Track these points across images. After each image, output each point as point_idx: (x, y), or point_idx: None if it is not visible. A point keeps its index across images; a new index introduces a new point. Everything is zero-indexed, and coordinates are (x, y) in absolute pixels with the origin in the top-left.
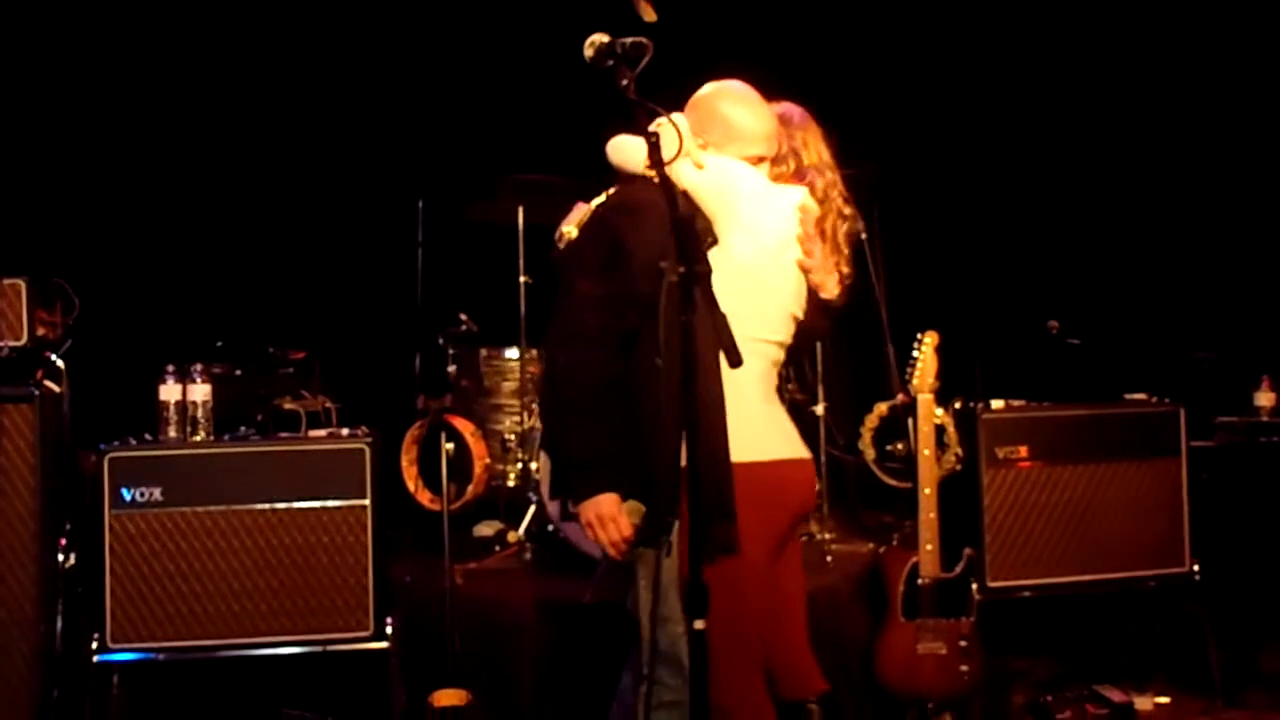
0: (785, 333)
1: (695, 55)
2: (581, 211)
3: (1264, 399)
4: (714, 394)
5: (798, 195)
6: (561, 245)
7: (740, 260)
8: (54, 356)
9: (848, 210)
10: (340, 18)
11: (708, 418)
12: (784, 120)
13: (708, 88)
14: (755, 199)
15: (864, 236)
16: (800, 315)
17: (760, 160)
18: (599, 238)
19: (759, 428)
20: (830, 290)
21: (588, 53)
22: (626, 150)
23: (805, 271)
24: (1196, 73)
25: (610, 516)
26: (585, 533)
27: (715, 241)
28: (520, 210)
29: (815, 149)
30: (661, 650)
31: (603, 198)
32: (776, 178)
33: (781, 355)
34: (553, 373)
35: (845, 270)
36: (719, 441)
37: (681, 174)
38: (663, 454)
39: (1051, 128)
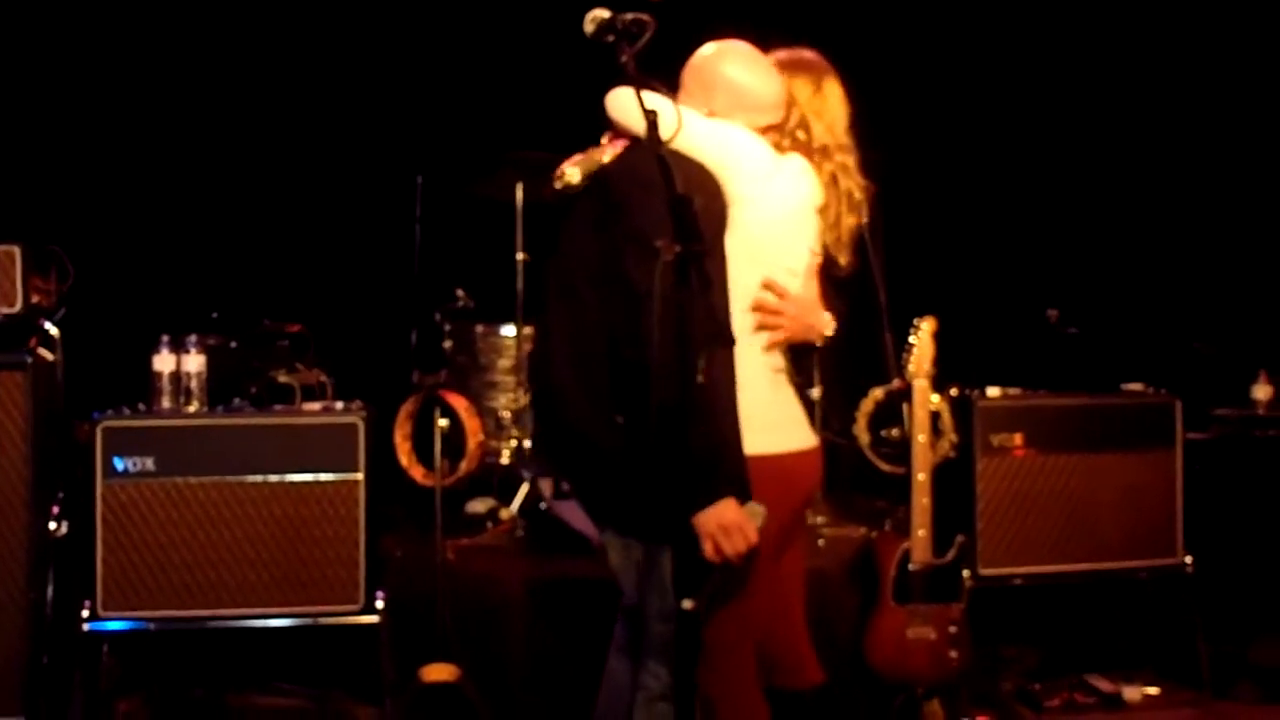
0: None
1: (700, 32)
2: (587, 159)
3: (1261, 392)
4: (722, 377)
5: (800, 165)
6: (559, 185)
7: (746, 236)
8: (48, 324)
9: (858, 196)
10: None
11: (717, 401)
12: (796, 68)
13: (708, 49)
14: (760, 173)
15: (863, 221)
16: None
17: (769, 129)
18: (604, 200)
19: (766, 417)
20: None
21: (588, 28)
22: (628, 109)
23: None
24: (1197, 63)
25: (736, 525)
26: (705, 545)
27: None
28: (519, 188)
29: (828, 121)
30: (655, 640)
31: (609, 156)
32: (779, 148)
33: None
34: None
35: (844, 260)
36: (730, 424)
37: (686, 143)
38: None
39: (1052, 116)
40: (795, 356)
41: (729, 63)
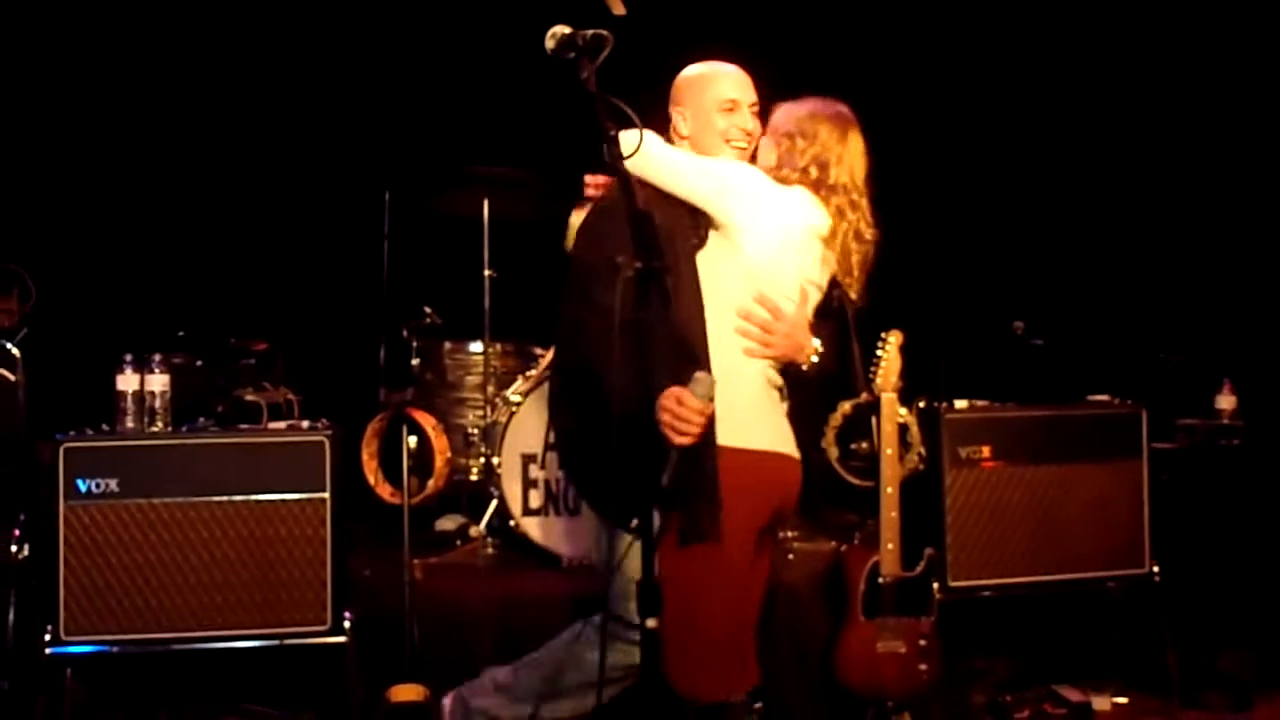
0: None
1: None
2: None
3: (1225, 402)
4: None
5: (805, 196)
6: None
7: (744, 259)
8: (9, 345)
9: (868, 235)
10: (309, 8)
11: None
12: (827, 116)
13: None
14: (754, 198)
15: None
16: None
17: (735, 105)
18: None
19: (752, 417)
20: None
21: (549, 44)
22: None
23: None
24: (1161, 76)
25: (676, 395)
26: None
27: (701, 243)
28: (485, 204)
29: (848, 166)
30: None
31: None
32: (785, 180)
33: None
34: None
35: (854, 292)
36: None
37: (675, 179)
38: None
39: (1017, 128)
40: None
41: (683, 72)
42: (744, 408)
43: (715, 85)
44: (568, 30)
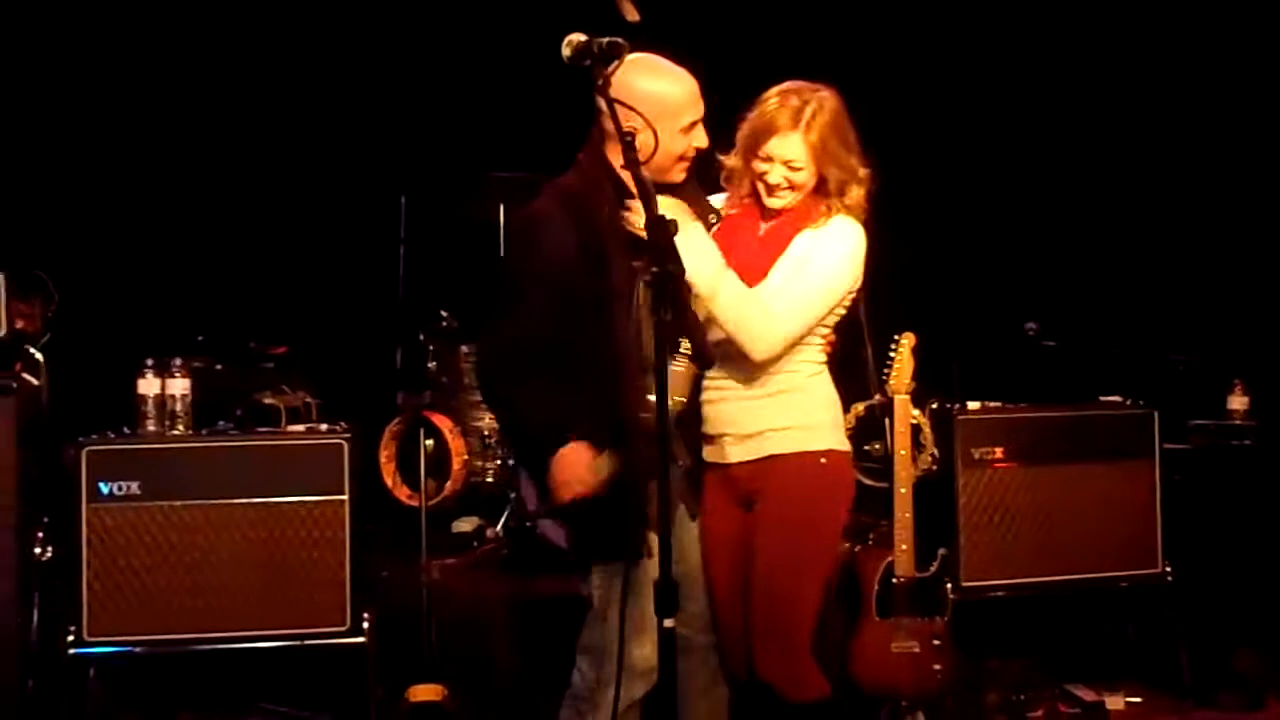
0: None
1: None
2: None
3: (1236, 402)
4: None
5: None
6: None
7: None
8: (33, 349)
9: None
10: (325, 12)
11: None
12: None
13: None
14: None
15: None
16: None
17: (694, 124)
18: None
19: (839, 420)
20: None
21: (565, 52)
22: None
23: None
24: (1172, 78)
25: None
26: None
27: (719, 220)
28: (501, 208)
29: (855, 193)
30: (584, 643)
31: None
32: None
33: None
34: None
35: None
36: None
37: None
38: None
39: (1031, 130)
40: None
41: (638, 77)
42: (836, 411)
43: (681, 111)
44: (584, 38)
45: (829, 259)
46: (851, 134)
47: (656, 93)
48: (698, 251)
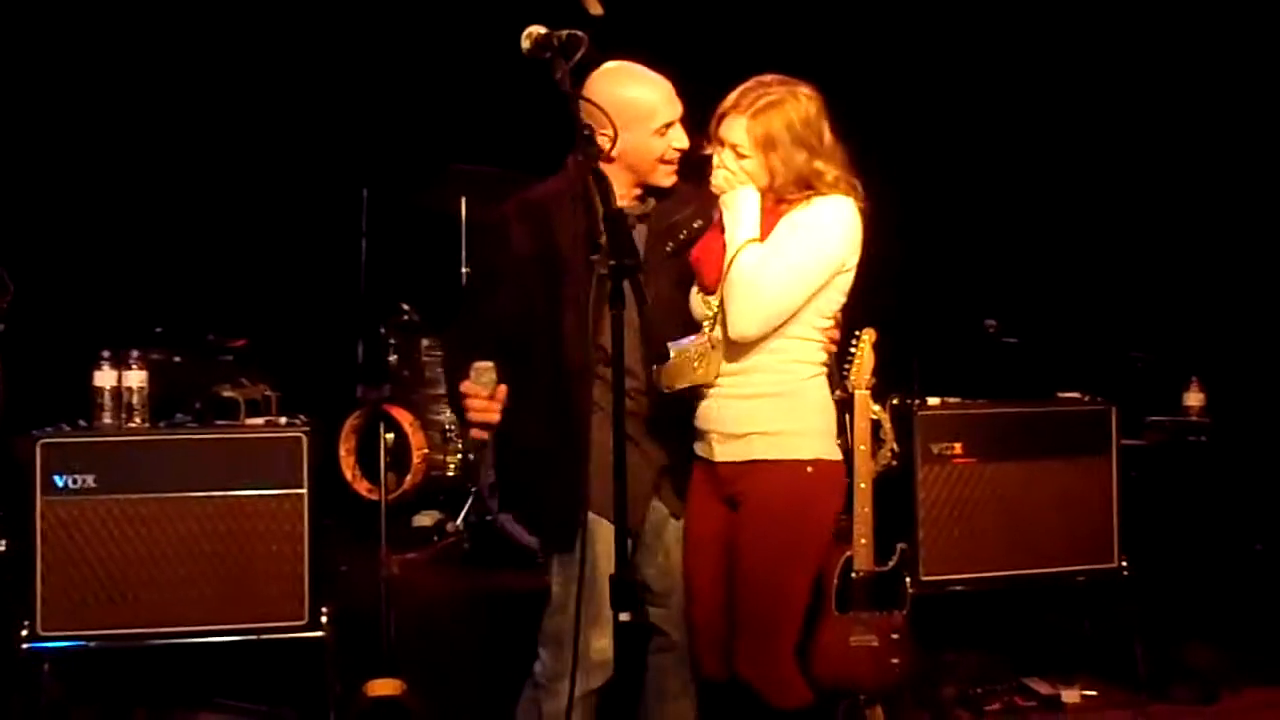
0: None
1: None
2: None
3: (1193, 399)
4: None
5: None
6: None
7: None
8: None
9: None
10: (289, 6)
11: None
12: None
13: (590, 81)
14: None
15: None
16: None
17: (669, 125)
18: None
19: (833, 427)
20: None
21: (525, 44)
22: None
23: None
24: (1133, 76)
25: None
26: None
27: (704, 227)
28: (463, 201)
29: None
30: (544, 633)
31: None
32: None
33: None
34: None
35: None
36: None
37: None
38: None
39: (992, 127)
40: None
41: (610, 86)
42: (830, 418)
43: (656, 113)
44: (543, 31)
45: (813, 227)
46: (820, 137)
47: (629, 98)
48: (738, 216)
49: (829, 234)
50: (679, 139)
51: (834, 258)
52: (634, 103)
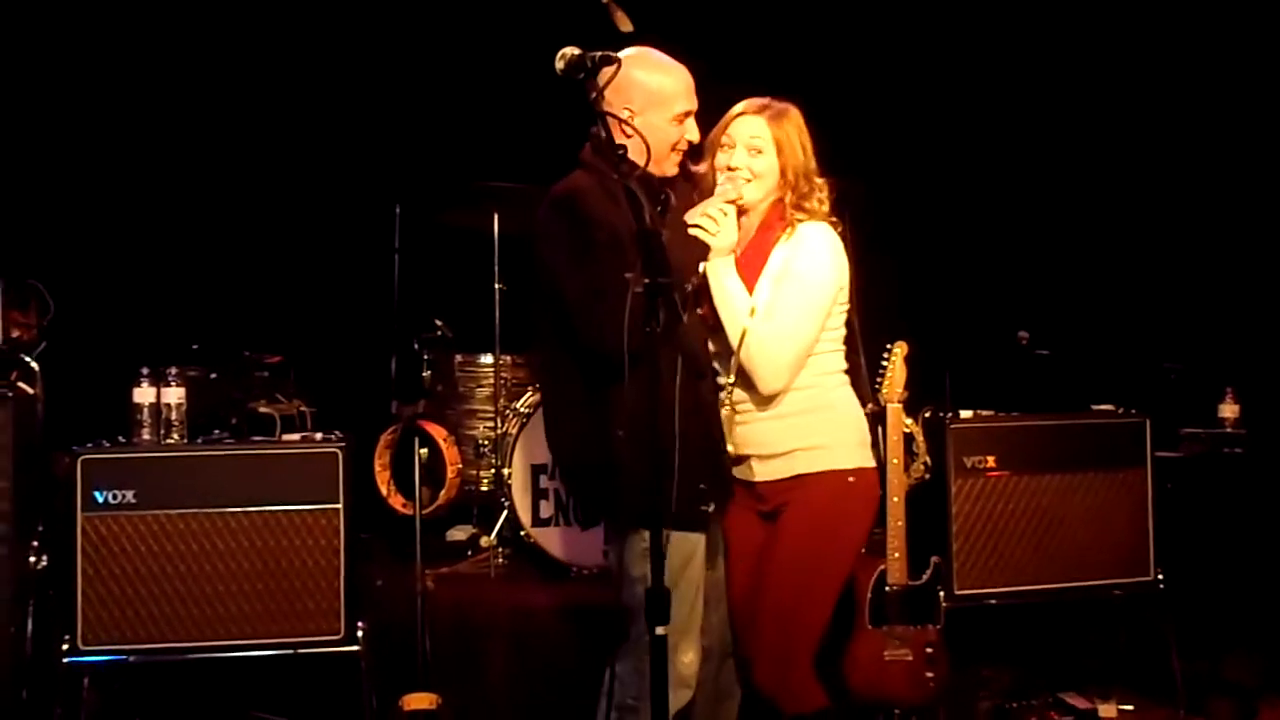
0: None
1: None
2: None
3: (1228, 410)
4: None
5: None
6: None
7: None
8: (28, 358)
9: None
10: (320, 23)
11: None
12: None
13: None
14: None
15: None
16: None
17: (687, 115)
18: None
19: (864, 435)
20: None
21: (559, 65)
22: None
23: None
24: (1164, 87)
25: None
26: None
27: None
28: (495, 218)
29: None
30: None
31: None
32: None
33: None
34: None
35: None
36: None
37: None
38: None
39: (1023, 139)
40: None
41: (635, 68)
42: (861, 426)
43: (676, 100)
44: (578, 52)
45: (807, 268)
46: (810, 146)
47: (650, 82)
48: (728, 296)
49: (820, 274)
50: (692, 131)
51: (829, 291)
52: (658, 87)
